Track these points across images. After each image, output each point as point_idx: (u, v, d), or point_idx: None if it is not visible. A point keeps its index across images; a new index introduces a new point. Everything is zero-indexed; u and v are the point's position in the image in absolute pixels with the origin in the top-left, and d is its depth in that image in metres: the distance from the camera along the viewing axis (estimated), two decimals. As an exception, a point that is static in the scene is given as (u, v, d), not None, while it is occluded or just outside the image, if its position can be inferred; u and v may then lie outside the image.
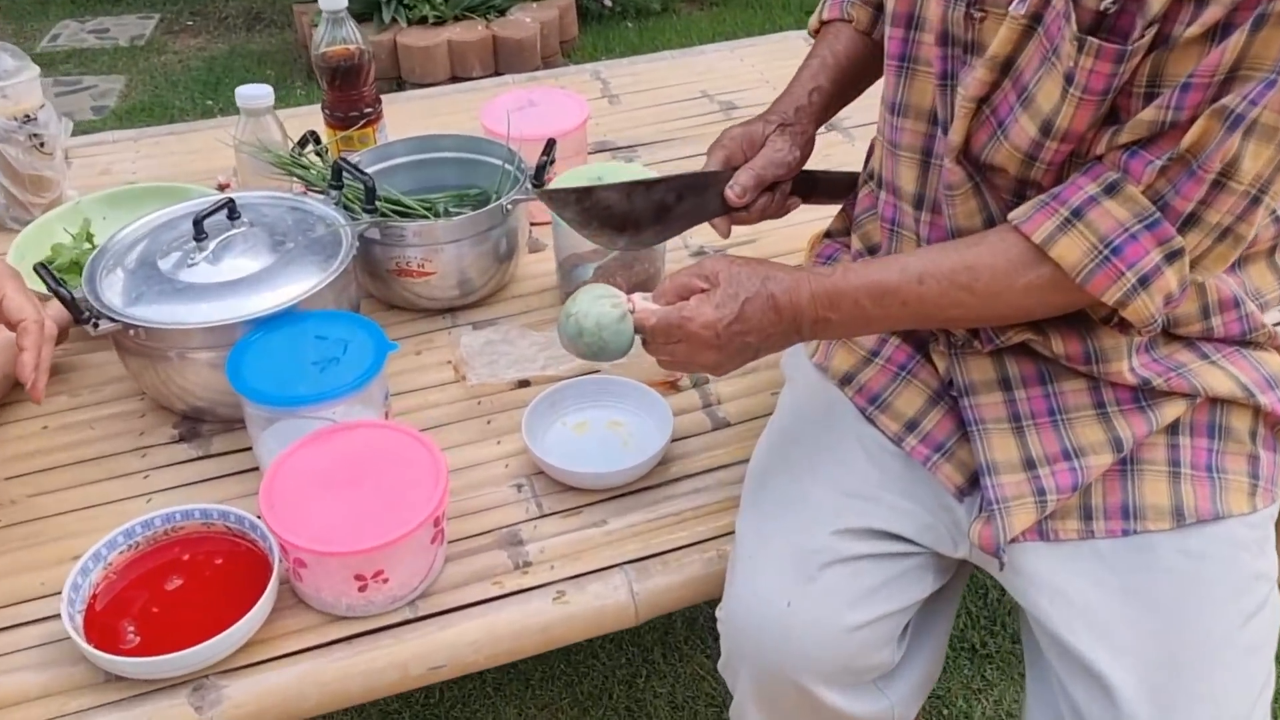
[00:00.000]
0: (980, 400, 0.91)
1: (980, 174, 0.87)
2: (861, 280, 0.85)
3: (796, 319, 0.85)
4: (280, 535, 0.89)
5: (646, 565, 0.99)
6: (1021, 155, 0.83)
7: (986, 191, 0.88)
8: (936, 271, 0.84)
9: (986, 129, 0.85)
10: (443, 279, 1.26)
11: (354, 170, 1.20)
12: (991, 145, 0.85)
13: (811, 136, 1.03)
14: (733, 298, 0.85)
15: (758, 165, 0.99)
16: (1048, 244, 0.81)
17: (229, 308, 1.08)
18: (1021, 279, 0.82)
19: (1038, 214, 0.82)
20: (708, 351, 0.85)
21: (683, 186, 0.97)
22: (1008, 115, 0.83)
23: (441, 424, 1.15)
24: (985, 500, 0.88)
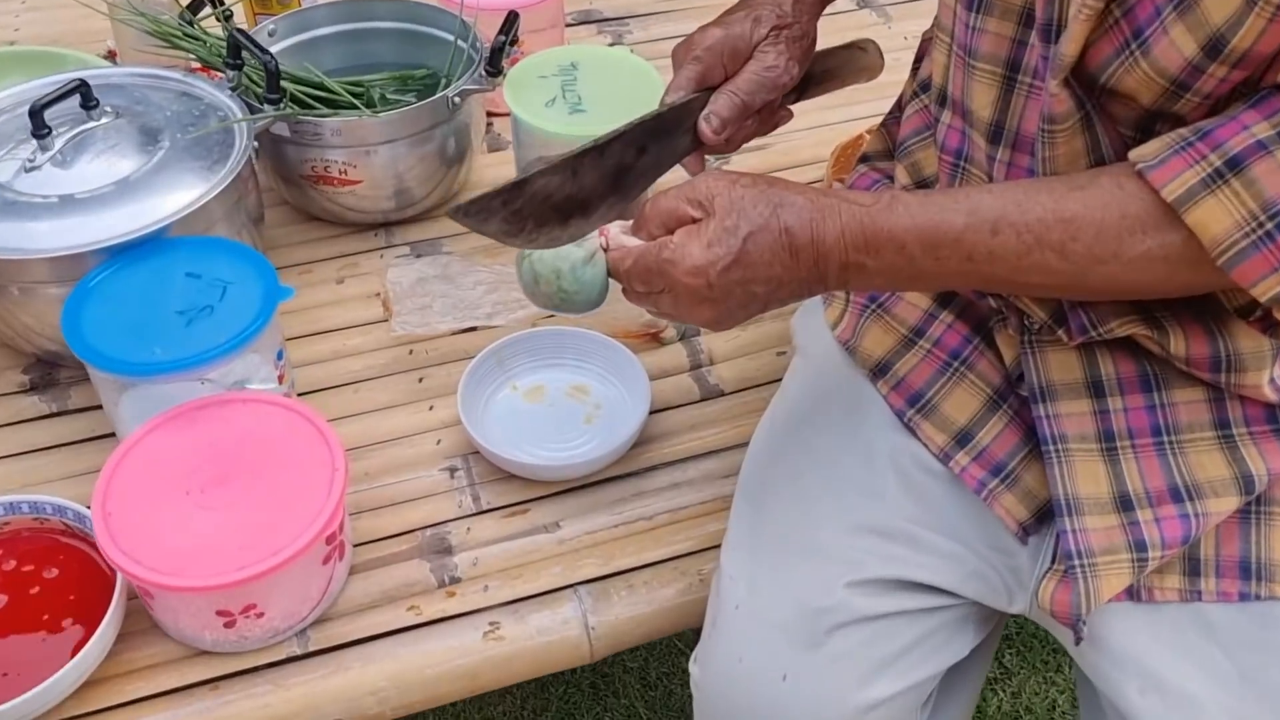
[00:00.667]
0: (1061, 409, 0.68)
1: (1094, 102, 0.61)
2: (913, 220, 0.60)
3: (819, 263, 0.61)
4: (114, 560, 0.67)
5: (607, 587, 0.78)
6: (1165, 83, 0.57)
7: (1100, 127, 0.62)
8: (1019, 220, 0.59)
9: (1113, 40, 0.58)
10: (373, 188, 1.00)
11: (252, 45, 0.92)
12: (1120, 65, 0.58)
13: (814, 37, 0.76)
14: (730, 232, 0.60)
15: (742, 87, 0.73)
16: (1184, 204, 0.56)
17: (78, 229, 0.83)
18: (1136, 246, 0.58)
19: (1174, 158, 0.56)
20: (699, 306, 0.62)
21: (645, 135, 0.70)
22: (1151, 24, 0.56)
23: (361, 378, 0.92)
24: (1063, 551, 0.65)
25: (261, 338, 0.78)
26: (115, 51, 1.17)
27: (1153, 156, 0.57)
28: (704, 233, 0.61)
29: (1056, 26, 0.61)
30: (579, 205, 0.67)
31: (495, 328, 0.92)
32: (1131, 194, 0.58)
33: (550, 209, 0.66)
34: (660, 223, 0.64)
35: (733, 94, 0.72)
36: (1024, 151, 0.66)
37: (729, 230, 0.60)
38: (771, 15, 0.73)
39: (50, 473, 0.84)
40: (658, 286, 0.63)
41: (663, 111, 0.71)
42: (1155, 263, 0.58)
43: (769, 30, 0.73)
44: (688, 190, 0.63)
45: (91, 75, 0.93)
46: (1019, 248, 0.59)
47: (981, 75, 0.67)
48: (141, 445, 0.73)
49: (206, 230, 0.86)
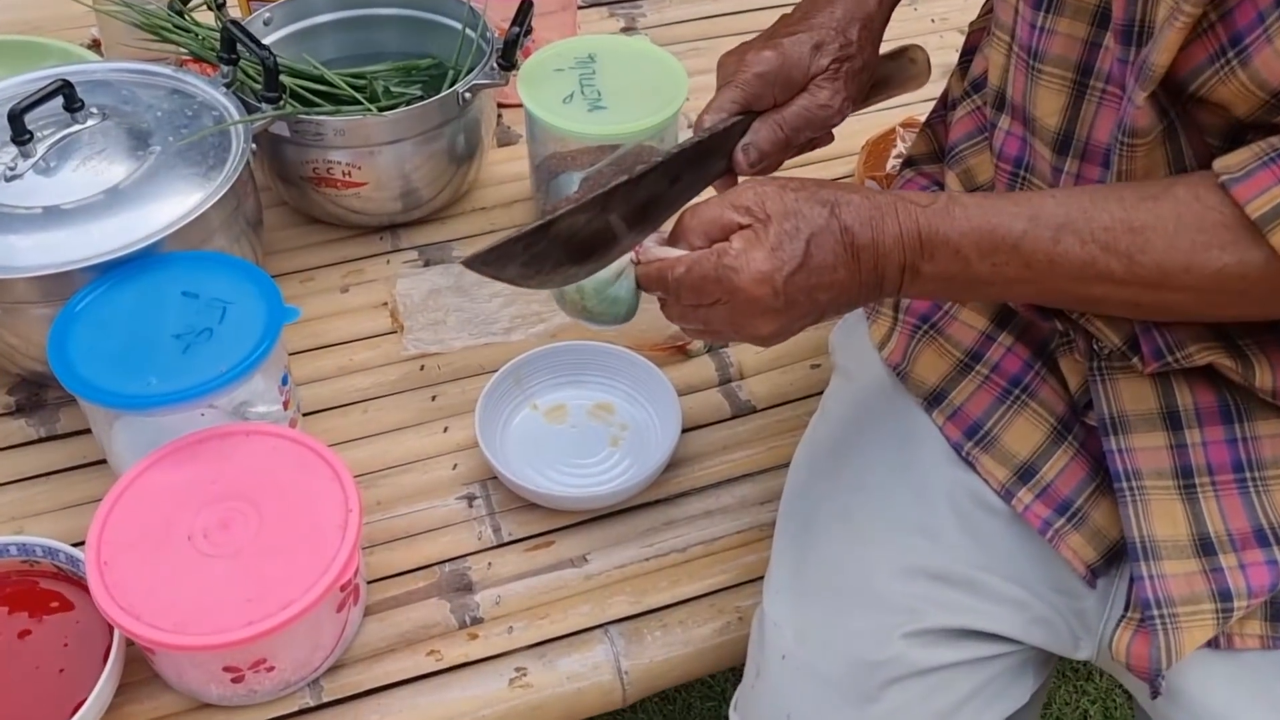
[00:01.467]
0: (1134, 443, 0.62)
1: (1180, 112, 0.55)
2: (970, 223, 0.55)
3: (879, 265, 0.56)
4: (112, 617, 0.62)
5: (639, 627, 0.73)
6: (1265, 95, 0.52)
7: (1184, 137, 0.56)
8: (1084, 227, 0.54)
9: (1206, 46, 0.53)
10: (378, 190, 0.94)
11: (248, 40, 0.86)
12: (1213, 74, 0.53)
13: (874, 69, 0.71)
14: (791, 236, 0.55)
15: (789, 121, 0.66)
16: (1269, 223, 0.51)
17: (64, 244, 0.77)
18: (1211, 262, 0.53)
19: (1262, 171, 0.51)
20: (760, 318, 0.56)
21: (683, 165, 0.63)
22: (1252, 31, 0.50)
23: (370, 397, 0.86)
24: (1139, 599, 0.60)
25: (266, 363, 0.72)
26: (100, 39, 1.10)
27: (1239, 168, 0.52)
28: (765, 238, 0.55)
29: (1139, 28, 0.55)
30: (602, 242, 0.61)
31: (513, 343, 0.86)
32: (1210, 206, 0.53)
33: (572, 248, 0.59)
34: (703, 232, 0.58)
35: (777, 126, 0.66)
36: (1094, 163, 0.61)
37: (789, 234, 0.55)
38: (835, 45, 0.66)
39: (40, 504, 0.79)
40: (713, 297, 0.57)
41: (702, 139, 0.64)
42: (1231, 280, 0.53)
43: (830, 62, 0.66)
44: (733, 198, 0.57)
45: (75, 73, 0.86)
46: (1083, 257, 0.54)
47: (1049, 80, 0.61)
48: (138, 485, 0.68)
49: (204, 241, 0.80)
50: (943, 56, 1.22)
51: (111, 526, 0.65)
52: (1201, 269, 0.53)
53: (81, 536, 0.73)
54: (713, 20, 1.26)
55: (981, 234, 0.55)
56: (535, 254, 0.58)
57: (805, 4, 0.70)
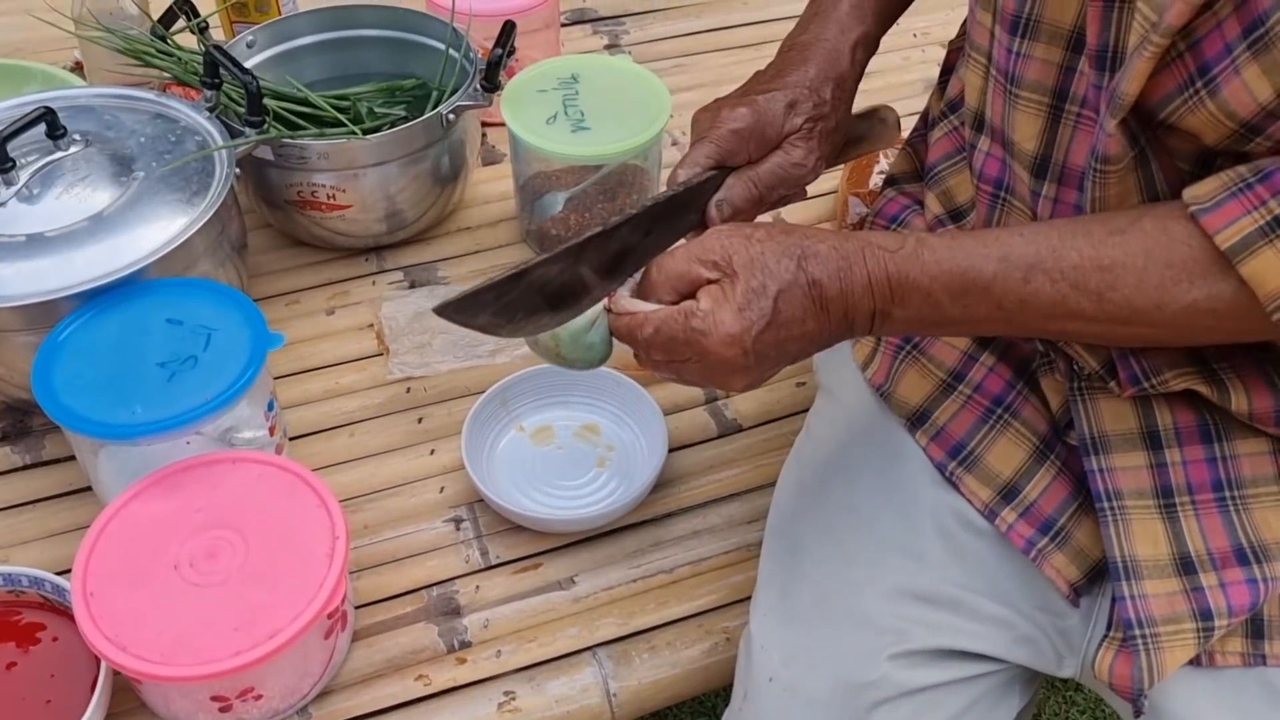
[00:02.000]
0: (1115, 462, 0.63)
1: (1149, 137, 0.56)
2: (940, 267, 0.56)
3: (849, 314, 0.57)
4: (99, 649, 0.62)
5: (627, 649, 0.73)
6: (1234, 125, 0.52)
7: (1155, 164, 0.57)
8: (1053, 267, 0.55)
9: (1175, 75, 0.53)
10: (363, 212, 0.94)
11: (231, 65, 0.86)
12: (1183, 103, 0.53)
13: (846, 129, 0.71)
14: (759, 293, 0.55)
15: (763, 179, 0.67)
16: (1238, 254, 0.51)
17: (48, 272, 0.76)
18: (1181, 296, 0.53)
19: (1230, 202, 0.52)
20: (734, 374, 0.57)
21: (653, 219, 0.63)
22: (1220, 62, 0.51)
23: (356, 420, 0.86)
24: (1121, 619, 0.61)
25: (251, 390, 0.72)
26: (82, 62, 1.10)
27: (1207, 198, 0.52)
28: (732, 297, 0.55)
29: (1112, 54, 0.56)
30: (573, 292, 0.61)
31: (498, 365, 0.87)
32: (1179, 240, 0.53)
33: (544, 297, 0.59)
34: (671, 287, 0.58)
35: (751, 184, 0.66)
36: (1071, 186, 0.61)
37: (757, 292, 0.55)
38: (809, 104, 0.66)
39: (25, 532, 0.79)
40: (684, 356, 0.57)
41: (676, 193, 0.64)
42: (1201, 315, 0.53)
43: (804, 122, 0.66)
44: (698, 250, 0.57)
45: (58, 99, 0.86)
46: (1053, 296, 0.55)
47: (1026, 105, 0.61)
48: (123, 514, 0.67)
49: (188, 267, 0.80)
50: (924, 71, 1.24)
51: (97, 556, 0.65)
52: (1172, 304, 0.53)
53: (67, 565, 0.73)
54: (696, 37, 1.27)
55: (952, 277, 0.56)
56: (507, 303, 0.58)
57: (779, 61, 0.70)
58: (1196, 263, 0.52)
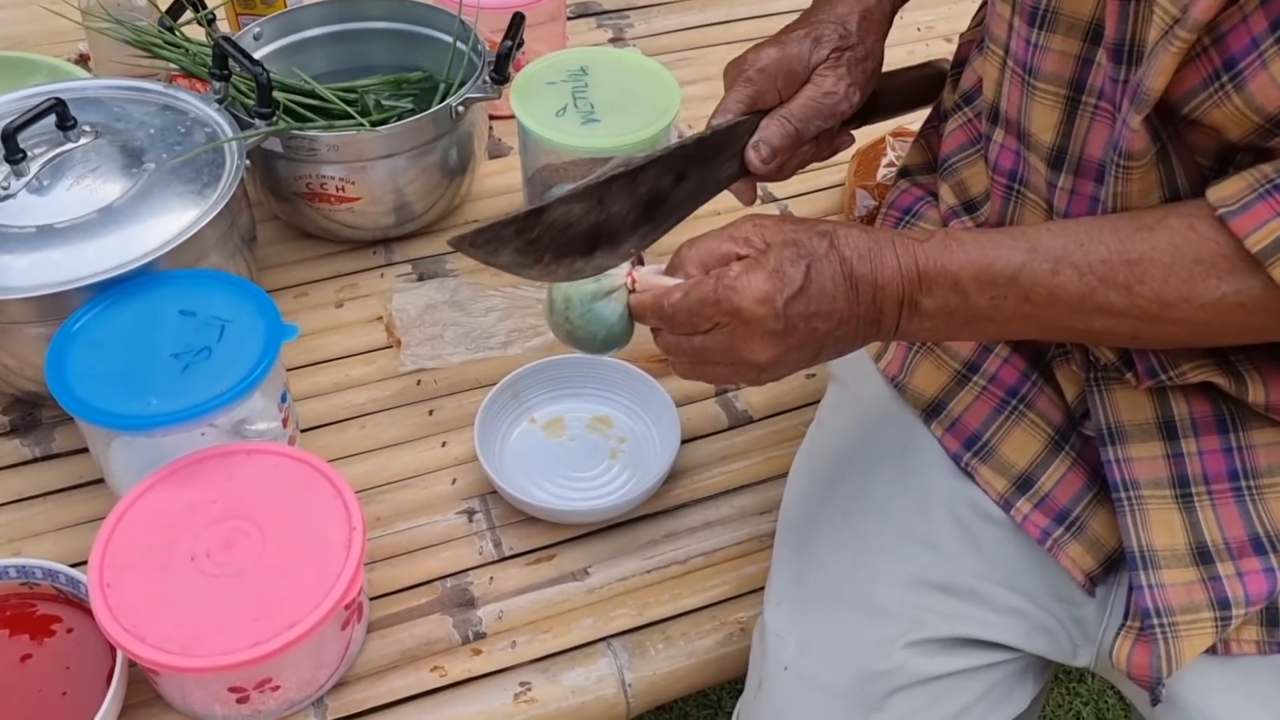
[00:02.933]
0: (1131, 453, 0.63)
1: (1172, 134, 0.56)
2: (968, 256, 0.56)
3: (877, 297, 0.57)
4: (116, 639, 0.62)
5: (642, 640, 0.73)
6: (1260, 120, 0.52)
7: (1176, 159, 0.57)
8: (1081, 259, 0.55)
9: (1200, 70, 0.53)
10: (371, 204, 0.94)
11: (241, 57, 0.86)
12: (1207, 98, 0.53)
13: (879, 59, 0.71)
14: (793, 261, 0.55)
15: (796, 113, 0.67)
16: (1269, 257, 0.51)
17: (59, 263, 0.76)
18: (1209, 291, 0.53)
19: (1258, 203, 0.51)
20: (761, 342, 0.56)
21: (684, 161, 0.64)
22: (1247, 55, 0.51)
23: (367, 412, 0.86)
24: (1139, 608, 0.61)
25: (265, 381, 0.72)
26: (88, 54, 1.10)
27: (1234, 200, 0.52)
28: (766, 263, 0.56)
29: (1129, 47, 0.56)
30: (605, 235, 0.61)
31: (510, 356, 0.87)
32: (1206, 237, 0.53)
33: (572, 238, 0.59)
34: (700, 262, 0.58)
35: (785, 120, 0.67)
36: (1088, 178, 0.61)
37: (790, 260, 0.55)
38: (834, 35, 0.67)
39: (38, 525, 0.78)
40: (711, 321, 0.57)
41: (706, 135, 0.65)
42: (1230, 310, 0.53)
43: (829, 52, 0.67)
44: (730, 230, 0.58)
45: (67, 90, 0.86)
46: (1081, 289, 0.55)
47: (1043, 96, 0.61)
48: (139, 505, 0.67)
49: (199, 259, 0.80)
50: (929, 66, 1.24)
51: (113, 548, 0.65)
52: (1200, 298, 0.53)
53: (80, 557, 0.73)
54: (700, 30, 1.27)
55: (979, 267, 0.56)
56: (530, 240, 0.57)
57: (809, 8, 0.71)
58: (1225, 259, 0.52)
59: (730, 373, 0.59)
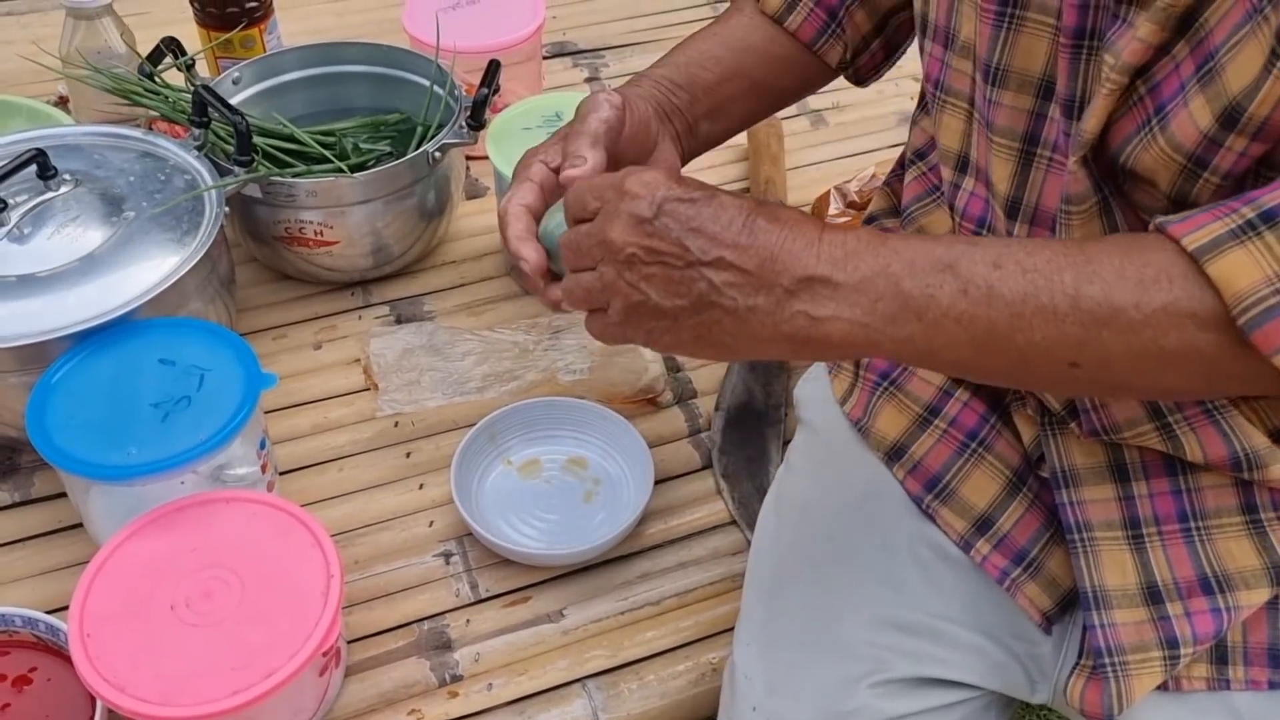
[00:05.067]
0: (1084, 495, 0.66)
1: (1113, 186, 0.59)
2: (904, 240, 0.52)
3: (775, 262, 0.50)
4: (97, 690, 0.63)
5: (616, 680, 0.75)
6: (1181, 159, 0.54)
7: (1119, 212, 0.59)
8: (1024, 258, 0.51)
9: (1135, 118, 0.55)
10: (349, 248, 0.96)
11: (219, 105, 0.87)
12: (1139, 142, 0.55)
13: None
14: (702, 185, 0.53)
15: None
16: (1206, 254, 0.48)
17: (40, 313, 0.77)
18: (1159, 296, 0.49)
19: (1201, 214, 0.50)
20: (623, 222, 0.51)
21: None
22: (1173, 97, 0.53)
23: (345, 455, 0.87)
24: (1091, 647, 0.63)
25: (245, 429, 0.73)
26: (67, 96, 1.11)
27: (1178, 217, 0.51)
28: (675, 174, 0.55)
29: (1080, 102, 0.58)
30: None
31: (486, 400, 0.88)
32: (1152, 246, 0.50)
33: None
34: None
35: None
36: (1043, 227, 0.64)
37: (702, 185, 0.53)
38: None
39: (17, 570, 0.79)
40: (598, 201, 0.53)
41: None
42: (1181, 320, 0.48)
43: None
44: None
45: (47, 138, 0.87)
46: (1024, 286, 0.50)
47: (999, 149, 0.64)
48: (119, 554, 0.68)
49: (179, 305, 0.81)
50: (897, 105, 1.27)
51: (94, 597, 0.66)
52: (1149, 303, 0.49)
53: (59, 602, 0.74)
54: (674, 69, 1.29)
55: (915, 249, 0.51)
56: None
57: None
58: (1170, 266, 0.49)
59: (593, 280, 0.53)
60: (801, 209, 1.10)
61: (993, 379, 0.59)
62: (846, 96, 1.27)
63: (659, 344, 0.54)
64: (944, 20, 0.65)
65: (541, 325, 0.92)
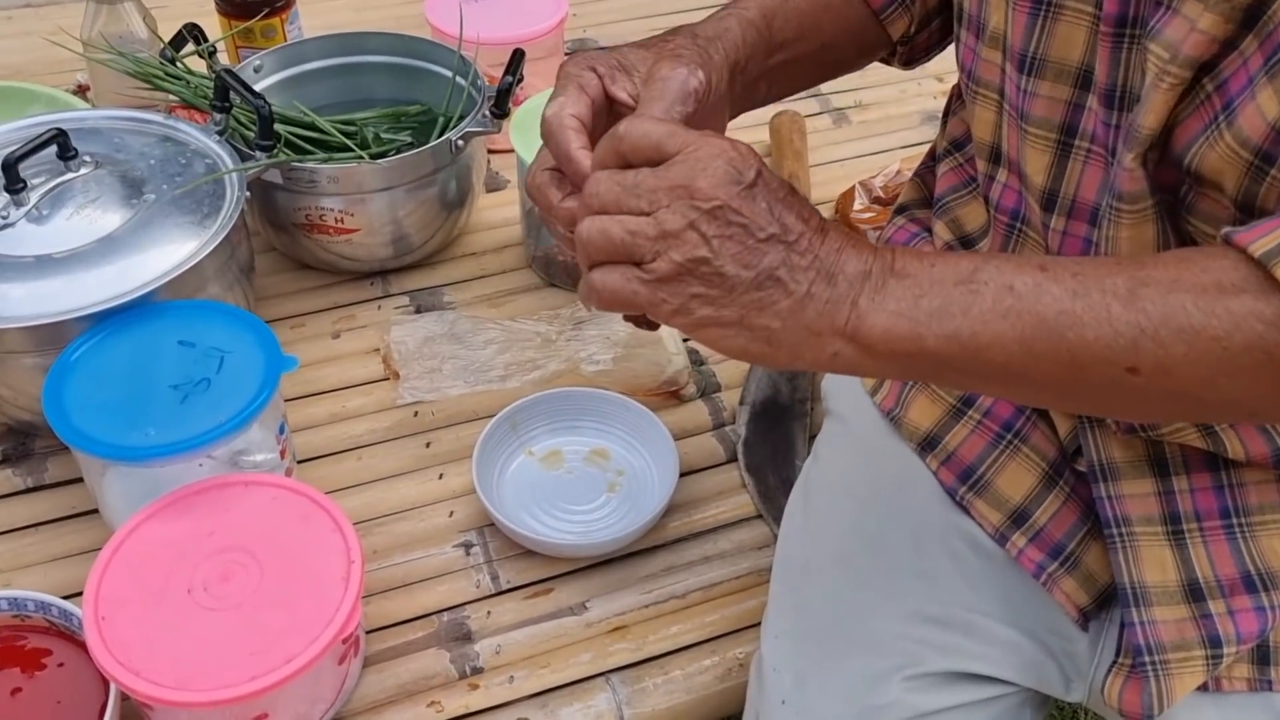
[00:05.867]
0: (1123, 489, 0.64)
1: (1175, 194, 0.56)
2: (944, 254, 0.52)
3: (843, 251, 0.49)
4: (111, 673, 0.61)
5: (640, 674, 0.73)
6: (1248, 155, 0.52)
7: (1172, 222, 0.56)
8: (1073, 265, 0.49)
9: (1201, 116, 0.53)
10: (370, 236, 0.95)
11: (242, 89, 0.86)
12: (1204, 140, 0.53)
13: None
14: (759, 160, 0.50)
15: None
16: (1274, 259, 0.46)
17: (58, 293, 0.76)
18: (1215, 299, 0.47)
19: (1265, 222, 0.48)
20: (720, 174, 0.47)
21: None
22: (1240, 91, 0.52)
23: (364, 444, 0.86)
24: (1131, 645, 0.62)
25: (264, 413, 0.72)
26: (87, 85, 1.10)
27: (1241, 228, 0.49)
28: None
29: (1122, 92, 0.57)
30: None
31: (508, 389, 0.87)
32: (1211, 254, 0.48)
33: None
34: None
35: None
36: (1081, 220, 0.62)
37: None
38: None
39: (30, 556, 0.78)
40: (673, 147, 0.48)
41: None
42: (1248, 319, 0.46)
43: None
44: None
45: (68, 121, 0.86)
46: (1074, 285, 0.48)
47: (1034, 140, 0.62)
48: (135, 537, 0.67)
49: (198, 289, 0.80)
50: (920, 104, 1.26)
51: (109, 580, 0.65)
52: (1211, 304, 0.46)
53: (72, 589, 0.73)
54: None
55: (958, 256, 0.51)
56: None
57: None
58: (1236, 269, 0.46)
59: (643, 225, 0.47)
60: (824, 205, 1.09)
61: (1043, 394, 0.54)
62: (869, 95, 1.26)
63: (689, 316, 0.48)
64: (975, 8, 0.64)
65: (564, 316, 0.91)
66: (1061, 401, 0.58)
